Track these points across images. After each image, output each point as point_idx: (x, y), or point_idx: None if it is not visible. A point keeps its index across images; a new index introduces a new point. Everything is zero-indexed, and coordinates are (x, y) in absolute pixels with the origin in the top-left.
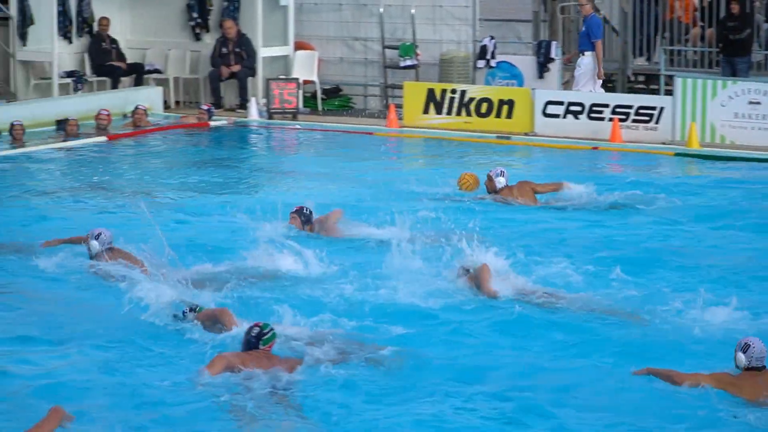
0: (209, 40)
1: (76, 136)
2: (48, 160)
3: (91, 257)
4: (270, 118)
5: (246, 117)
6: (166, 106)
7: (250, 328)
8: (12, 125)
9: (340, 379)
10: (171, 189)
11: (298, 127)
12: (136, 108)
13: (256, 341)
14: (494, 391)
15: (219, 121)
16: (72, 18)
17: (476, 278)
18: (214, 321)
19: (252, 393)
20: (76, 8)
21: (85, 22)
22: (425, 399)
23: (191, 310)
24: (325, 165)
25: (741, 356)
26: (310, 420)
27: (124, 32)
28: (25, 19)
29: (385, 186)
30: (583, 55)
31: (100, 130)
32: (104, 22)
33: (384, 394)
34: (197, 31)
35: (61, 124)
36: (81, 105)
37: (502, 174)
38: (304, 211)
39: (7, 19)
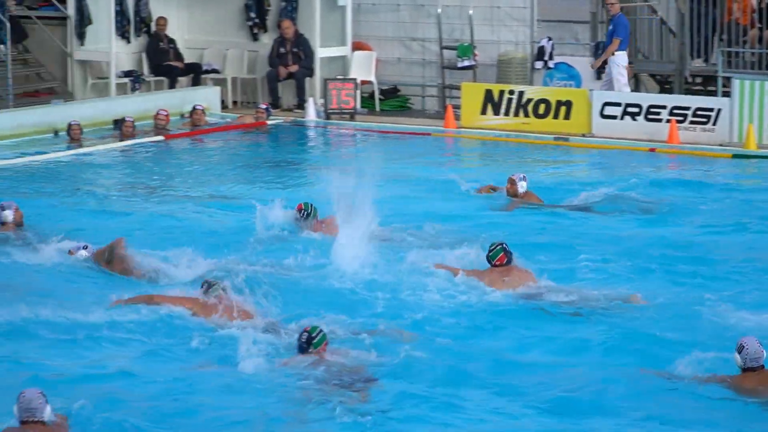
0: (267, 40)
1: (132, 137)
2: (105, 160)
3: None
4: (327, 118)
5: (303, 117)
6: (224, 106)
7: (300, 335)
8: (70, 125)
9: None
10: (227, 188)
11: (355, 128)
12: (195, 108)
13: (307, 346)
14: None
15: (276, 121)
16: (130, 18)
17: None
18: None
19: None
20: (133, 8)
21: (142, 22)
22: (473, 393)
23: (84, 248)
24: (380, 165)
25: (737, 357)
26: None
27: (181, 32)
28: (83, 19)
29: (434, 187)
30: (614, 54)
31: (159, 129)
32: (162, 21)
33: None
34: (255, 31)
35: (118, 124)
36: (138, 105)
37: (524, 179)
38: (308, 209)
39: (65, 18)
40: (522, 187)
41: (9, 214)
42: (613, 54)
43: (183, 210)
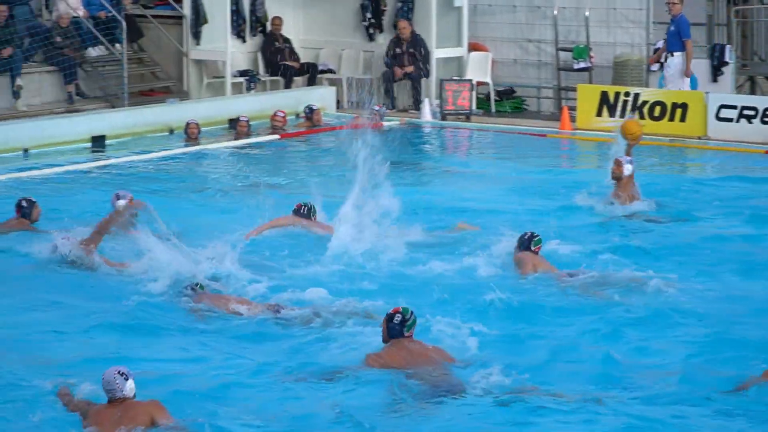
0: (382, 40)
1: (247, 136)
2: (221, 158)
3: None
4: (443, 119)
5: (419, 118)
6: (339, 106)
7: (392, 316)
8: (188, 124)
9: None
10: (339, 187)
11: (471, 129)
12: (310, 108)
13: (400, 327)
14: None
15: (392, 121)
16: (245, 17)
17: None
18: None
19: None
20: (249, 7)
21: (258, 22)
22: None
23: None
24: (494, 166)
25: None
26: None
27: (297, 32)
28: (199, 18)
29: (543, 188)
30: (672, 55)
31: (275, 130)
32: (277, 21)
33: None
34: (371, 31)
35: (234, 123)
36: (254, 104)
37: (630, 162)
38: (302, 210)
39: (180, 17)
40: (627, 170)
41: (122, 204)
42: (671, 55)
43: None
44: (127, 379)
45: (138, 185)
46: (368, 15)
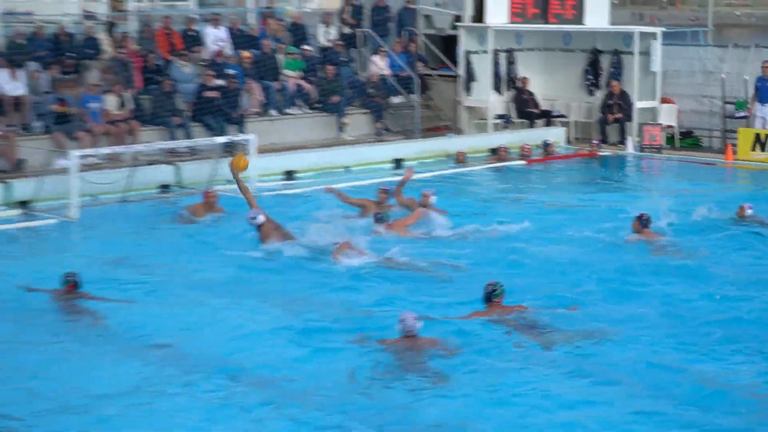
0: (599, 95)
1: (506, 160)
2: (483, 177)
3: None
4: (641, 151)
5: (624, 150)
6: (568, 141)
7: (486, 285)
8: (458, 152)
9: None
10: (570, 199)
11: (661, 159)
12: (548, 142)
13: (490, 295)
14: None
15: (604, 153)
16: (502, 77)
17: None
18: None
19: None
20: (505, 70)
21: (511, 80)
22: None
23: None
24: (676, 184)
25: None
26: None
27: (539, 88)
28: (470, 77)
29: (707, 198)
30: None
31: (523, 157)
32: (525, 80)
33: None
34: (591, 88)
35: (494, 151)
36: (508, 138)
37: (750, 207)
38: (378, 215)
39: (456, 76)
40: (749, 214)
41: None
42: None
43: (538, 215)
44: (418, 321)
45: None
46: (590, 77)
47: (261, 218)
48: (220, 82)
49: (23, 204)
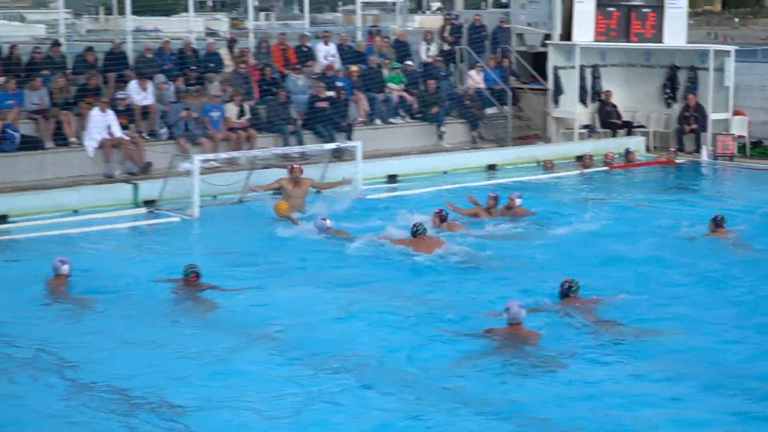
0: (676, 107)
1: (590, 167)
2: (567, 182)
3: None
4: (714, 159)
5: (699, 158)
6: (647, 150)
7: (563, 282)
8: (545, 160)
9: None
10: (647, 199)
11: (733, 167)
12: (628, 150)
13: (567, 292)
14: None
15: (681, 160)
16: (588, 90)
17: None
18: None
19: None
20: (591, 83)
21: (596, 93)
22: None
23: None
24: (746, 189)
25: None
26: None
27: (621, 100)
28: (557, 90)
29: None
30: None
31: (607, 164)
32: (608, 93)
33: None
34: (669, 101)
35: (580, 158)
36: (592, 147)
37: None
38: (442, 213)
39: (545, 90)
40: None
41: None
42: None
43: (619, 217)
44: (521, 309)
45: (505, 193)
46: (668, 90)
47: (328, 222)
48: (330, 93)
49: (149, 203)
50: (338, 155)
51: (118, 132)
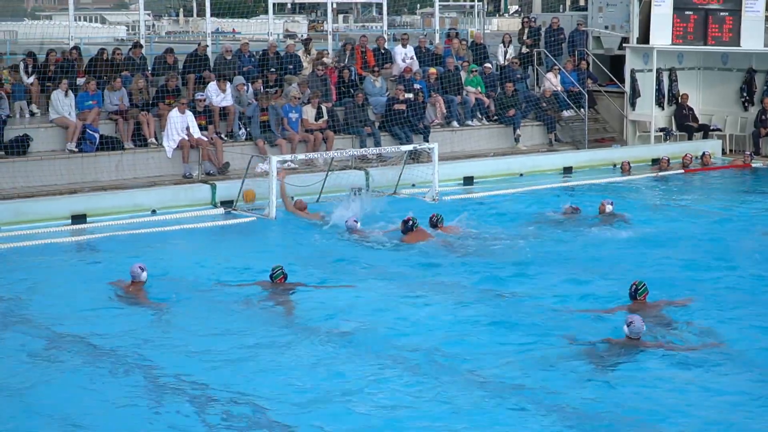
0: (753, 110)
1: (666, 170)
2: (644, 185)
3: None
4: None
5: None
6: (723, 153)
7: (631, 284)
8: (623, 163)
9: None
10: (714, 206)
11: None
12: (704, 153)
13: (635, 293)
14: None
15: (756, 163)
16: (664, 93)
17: None
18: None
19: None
20: (667, 86)
21: (673, 97)
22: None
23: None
24: None
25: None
26: None
27: (698, 103)
28: (635, 94)
29: None
30: None
31: (684, 166)
32: (685, 96)
33: None
34: (745, 104)
35: (656, 161)
36: (669, 150)
37: None
38: (433, 218)
39: (622, 93)
40: None
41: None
42: None
43: (695, 220)
44: (643, 324)
45: (584, 197)
46: (744, 94)
47: (359, 225)
48: (408, 95)
49: (227, 204)
50: (415, 157)
51: (196, 133)
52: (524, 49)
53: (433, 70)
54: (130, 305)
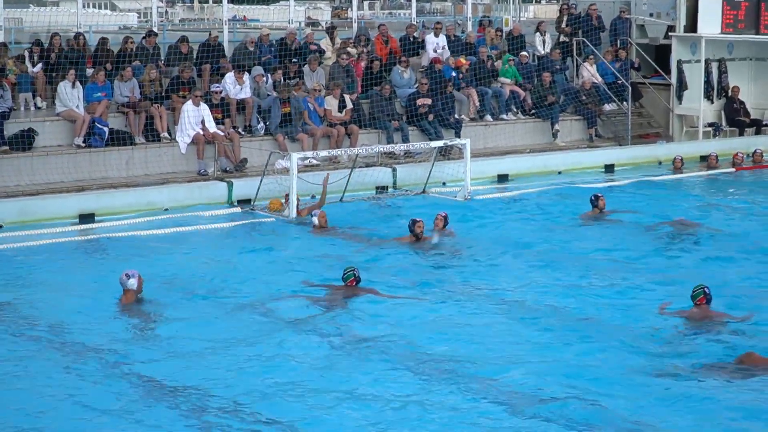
0: None
1: (715, 168)
2: (692, 183)
3: None
4: None
5: None
6: None
7: (693, 288)
8: (674, 158)
9: None
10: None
11: None
12: (756, 150)
13: (694, 298)
14: None
15: None
16: (713, 86)
17: None
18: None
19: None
20: (717, 79)
21: (722, 89)
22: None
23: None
24: None
25: None
26: None
27: (749, 97)
28: (681, 86)
29: None
30: None
31: (734, 164)
32: (736, 89)
33: None
34: None
35: (704, 159)
36: (718, 146)
37: None
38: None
39: (668, 85)
40: None
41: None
42: None
43: (745, 223)
44: None
45: (623, 197)
46: None
47: None
48: (426, 101)
49: (244, 202)
50: (445, 153)
51: (212, 127)
52: (563, 38)
53: (464, 60)
54: (122, 313)
